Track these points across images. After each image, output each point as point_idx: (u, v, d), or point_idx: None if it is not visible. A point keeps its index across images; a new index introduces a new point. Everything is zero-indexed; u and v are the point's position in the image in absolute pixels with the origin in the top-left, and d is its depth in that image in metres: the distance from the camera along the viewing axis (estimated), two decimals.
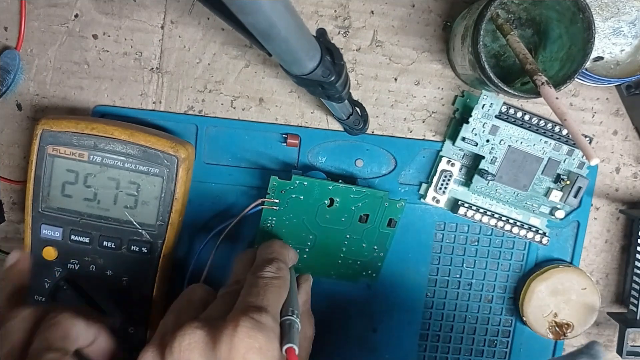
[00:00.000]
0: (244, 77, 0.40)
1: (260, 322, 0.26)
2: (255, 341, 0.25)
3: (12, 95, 0.40)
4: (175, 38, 0.40)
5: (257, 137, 0.41)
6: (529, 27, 0.38)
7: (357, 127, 0.39)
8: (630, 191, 0.43)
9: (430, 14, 0.40)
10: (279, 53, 0.24)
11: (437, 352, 0.44)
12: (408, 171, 0.42)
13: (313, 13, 0.40)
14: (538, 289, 0.42)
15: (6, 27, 0.39)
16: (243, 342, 0.25)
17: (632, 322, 0.42)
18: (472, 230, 0.43)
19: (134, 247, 0.37)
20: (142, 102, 0.40)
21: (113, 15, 0.39)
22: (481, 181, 0.40)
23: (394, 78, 0.41)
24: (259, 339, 0.26)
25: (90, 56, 0.40)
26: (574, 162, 0.41)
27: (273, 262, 0.31)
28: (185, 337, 0.26)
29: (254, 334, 0.26)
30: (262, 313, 0.27)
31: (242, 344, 0.25)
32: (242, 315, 0.26)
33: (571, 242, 0.43)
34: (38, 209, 0.37)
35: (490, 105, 0.39)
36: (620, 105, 0.42)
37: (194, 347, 0.26)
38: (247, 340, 0.25)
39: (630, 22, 0.38)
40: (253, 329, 0.26)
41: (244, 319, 0.26)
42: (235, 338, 0.25)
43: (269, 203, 0.38)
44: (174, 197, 0.37)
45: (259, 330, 0.26)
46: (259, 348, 0.25)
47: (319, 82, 0.27)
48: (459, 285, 0.43)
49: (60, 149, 0.36)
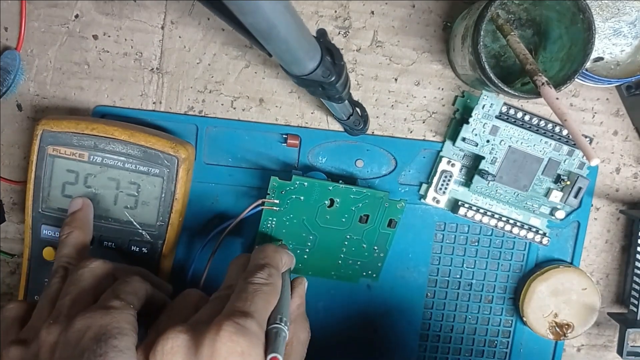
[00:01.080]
0: (244, 77, 0.40)
1: (244, 327, 0.26)
2: (237, 345, 0.25)
3: (13, 96, 0.40)
4: (175, 38, 0.40)
5: (257, 137, 0.41)
6: (529, 27, 0.38)
7: (357, 127, 0.39)
8: (631, 191, 0.43)
9: (430, 14, 0.40)
10: (279, 53, 0.24)
11: (437, 353, 0.44)
12: (408, 171, 0.42)
13: (313, 13, 0.40)
14: (538, 289, 0.42)
15: (6, 28, 0.39)
16: (225, 346, 0.25)
17: (633, 323, 0.42)
18: (472, 230, 0.43)
19: (134, 248, 0.37)
20: (143, 102, 0.40)
21: (113, 15, 0.39)
22: (481, 181, 0.40)
23: (394, 78, 0.41)
24: (241, 344, 0.25)
25: (90, 56, 0.40)
26: (574, 162, 0.40)
27: (264, 268, 0.31)
28: (168, 340, 0.26)
29: (236, 339, 0.25)
30: (247, 318, 0.26)
31: (224, 347, 0.25)
32: (226, 320, 0.26)
33: (571, 242, 0.43)
34: (38, 209, 0.37)
35: (491, 106, 0.39)
36: (621, 105, 0.42)
37: (176, 350, 0.26)
38: (229, 345, 0.25)
39: (631, 22, 0.38)
40: (236, 333, 0.26)
41: (227, 323, 0.26)
42: (217, 342, 0.25)
43: (269, 204, 0.38)
44: (174, 198, 0.37)
45: (241, 335, 0.26)
46: (240, 352, 0.25)
47: (319, 82, 0.27)
48: (459, 285, 0.43)
49: (60, 149, 0.36)
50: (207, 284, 0.38)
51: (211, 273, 0.38)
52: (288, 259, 0.35)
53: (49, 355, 0.27)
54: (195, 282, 0.39)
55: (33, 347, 0.27)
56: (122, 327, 0.27)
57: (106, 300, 0.28)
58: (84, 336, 0.26)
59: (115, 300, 0.28)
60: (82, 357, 0.25)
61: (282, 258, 0.33)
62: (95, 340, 0.26)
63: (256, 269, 0.31)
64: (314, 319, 0.36)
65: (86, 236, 0.35)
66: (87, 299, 0.29)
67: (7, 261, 0.42)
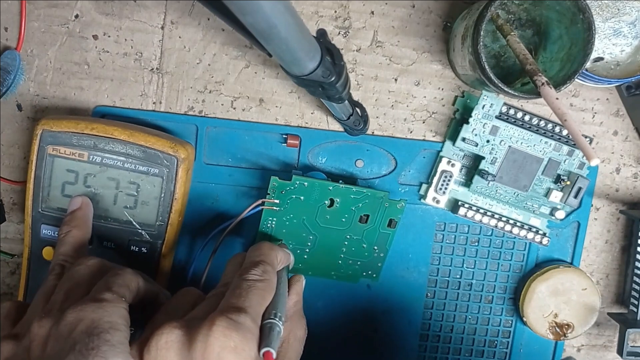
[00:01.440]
0: (244, 77, 0.40)
1: (237, 322, 0.26)
2: (230, 340, 0.25)
3: (13, 96, 0.40)
4: (175, 38, 0.40)
5: (258, 137, 0.41)
6: (529, 27, 0.38)
7: (357, 127, 0.39)
8: (631, 191, 0.43)
9: (430, 14, 0.40)
10: (279, 53, 0.24)
11: (437, 353, 0.44)
12: (408, 171, 0.42)
13: (313, 13, 0.40)
14: (538, 289, 0.42)
15: (6, 28, 0.39)
16: (218, 340, 0.25)
17: (633, 323, 0.42)
18: (472, 230, 0.43)
19: (134, 247, 0.37)
20: (142, 102, 0.40)
21: (113, 15, 0.39)
22: (481, 182, 0.40)
23: (394, 78, 0.41)
24: (234, 338, 0.25)
25: (90, 57, 0.40)
26: (574, 162, 0.40)
27: (259, 265, 0.31)
28: (162, 336, 0.26)
29: (229, 333, 0.26)
30: (240, 313, 0.27)
31: (217, 342, 0.25)
32: (219, 315, 0.26)
33: (571, 242, 0.43)
34: (38, 209, 0.37)
35: (491, 106, 0.39)
36: (621, 105, 0.42)
37: (170, 346, 0.26)
38: (222, 339, 0.25)
39: (631, 22, 0.38)
40: (229, 328, 0.26)
41: (220, 319, 0.26)
42: (210, 337, 0.25)
43: (269, 203, 0.38)
44: (174, 198, 0.37)
45: (234, 330, 0.26)
46: (233, 347, 0.25)
47: (319, 82, 0.27)
48: (459, 285, 0.43)
49: (60, 149, 0.36)
50: (207, 284, 0.38)
51: (211, 273, 0.38)
52: (284, 256, 0.35)
53: (40, 349, 0.26)
54: (196, 282, 0.39)
55: (25, 341, 0.27)
56: (114, 322, 0.26)
57: (98, 293, 0.28)
58: (76, 329, 0.26)
59: (107, 292, 0.28)
60: (73, 350, 0.25)
61: (277, 255, 0.33)
62: (87, 333, 0.25)
63: (251, 266, 0.31)
64: (314, 318, 0.36)
65: (84, 235, 0.35)
66: (80, 294, 0.29)
67: (7, 261, 0.42)
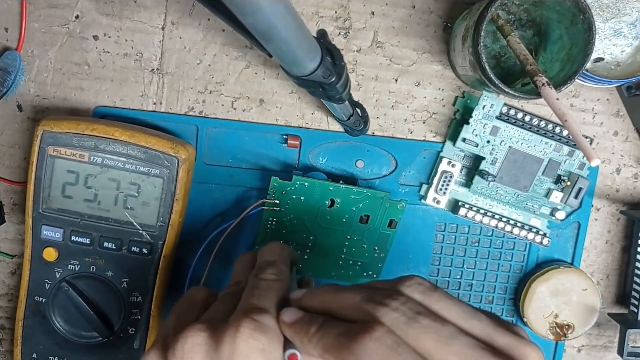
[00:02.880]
0: (244, 78, 0.40)
1: (262, 324, 0.26)
2: (259, 342, 0.25)
3: (13, 96, 0.40)
4: (175, 39, 0.40)
5: (258, 138, 0.41)
6: (529, 28, 0.38)
7: (357, 128, 0.39)
8: (631, 192, 0.43)
9: (430, 15, 0.40)
10: (279, 54, 0.24)
11: None
12: (408, 172, 0.42)
13: (313, 14, 0.40)
14: (539, 289, 0.42)
15: (7, 28, 0.39)
16: (246, 343, 0.25)
17: (633, 323, 0.42)
18: (472, 231, 0.43)
19: (135, 248, 0.37)
20: (143, 103, 0.40)
21: (113, 16, 0.39)
22: (482, 182, 0.40)
23: (394, 79, 0.41)
24: (262, 340, 0.26)
25: (90, 57, 0.40)
26: (575, 163, 0.40)
27: (274, 265, 0.31)
28: (188, 339, 0.26)
29: (257, 335, 0.26)
30: (264, 314, 0.27)
31: (245, 345, 0.25)
32: (244, 317, 0.26)
33: (572, 242, 0.43)
34: (38, 210, 0.37)
35: (491, 106, 0.39)
36: (621, 106, 0.42)
37: (196, 349, 0.26)
38: (250, 342, 0.25)
39: (631, 23, 0.38)
40: (256, 330, 0.26)
41: (246, 321, 0.26)
42: (237, 339, 0.25)
43: (269, 204, 0.38)
44: (175, 198, 0.37)
45: (261, 332, 0.26)
46: (262, 349, 0.25)
47: (320, 83, 0.27)
48: (460, 286, 0.43)
49: (60, 149, 0.36)
50: (207, 285, 0.38)
51: (211, 273, 0.38)
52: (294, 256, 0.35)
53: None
54: (196, 282, 0.39)
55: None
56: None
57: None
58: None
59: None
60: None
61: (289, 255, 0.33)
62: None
63: (267, 266, 0.31)
64: None
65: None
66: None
67: (8, 262, 0.42)
